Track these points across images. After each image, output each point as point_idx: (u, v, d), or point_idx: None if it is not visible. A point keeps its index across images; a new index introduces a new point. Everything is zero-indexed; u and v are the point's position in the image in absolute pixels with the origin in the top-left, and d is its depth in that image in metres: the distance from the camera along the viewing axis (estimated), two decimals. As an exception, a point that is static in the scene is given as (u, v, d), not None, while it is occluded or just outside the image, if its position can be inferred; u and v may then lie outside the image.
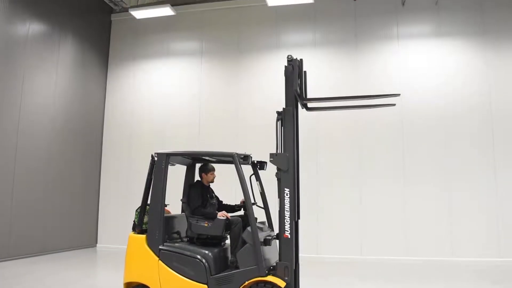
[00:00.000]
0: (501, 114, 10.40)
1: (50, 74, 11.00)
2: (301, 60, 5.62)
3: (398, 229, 10.46)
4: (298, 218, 5.24)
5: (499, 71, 10.58)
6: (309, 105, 5.85)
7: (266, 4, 10.93)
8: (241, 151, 5.53)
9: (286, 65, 5.27)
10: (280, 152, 5.11)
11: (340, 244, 10.69)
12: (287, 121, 5.13)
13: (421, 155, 10.64)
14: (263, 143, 9.54)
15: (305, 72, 5.67)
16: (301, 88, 5.54)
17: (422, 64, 11.03)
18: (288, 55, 5.30)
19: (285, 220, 4.93)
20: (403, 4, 11.30)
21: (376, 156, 10.89)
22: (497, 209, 10.05)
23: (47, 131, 10.87)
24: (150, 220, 5.33)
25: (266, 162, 5.64)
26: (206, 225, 5.29)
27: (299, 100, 5.35)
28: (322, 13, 11.72)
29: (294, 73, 5.26)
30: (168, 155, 5.46)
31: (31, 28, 10.38)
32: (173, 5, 11.84)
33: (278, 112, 5.25)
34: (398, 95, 5.57)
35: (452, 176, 10.39)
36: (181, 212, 5.92)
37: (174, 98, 12.53)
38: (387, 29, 11.35)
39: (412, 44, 11.19)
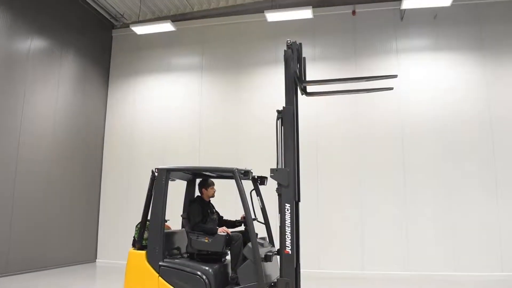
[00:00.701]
0: (501, 128, 10.41)
1: (51, 89, 11.05)
2: (300, 44, 5.66)
3: (399, 244, 10.40)
4: (299, 231, 5.22)
5: (497, 84, 10.62)
6: (309, 89, 5.86)
7: (265, 20, 11.02)
8: (241, 165, 5.53)
9: (286, 49, 5.31)
10: (281, 167, 5.10)
11: (341, 259, 10.61)
12: (287, 120, 5.12)
13: (421, 169, 10.62)
14: (263, 157, 9.56)
15: (304, 58, 5.71)
16: (300, 72, 5.56)
17: (422, 78, 11.07)
18: (288, 40, 5.34)
19: (286, 235, 4.91)
20: (401, 18, 11.40)
21: (377, 170, 10.87)
22: (499, 223, 10.00)
23: (48, 146, 10.87)
24: (150, 236, 5.31)
25: (266, 177, 5.63)
26: (206, 241, 5.26)
27: (298, 83, 5.35)
28: (321, 28, 11.81)
29: (294, 57, 5.29)
30: (169, 171, 5.46)
31: (33, 44, 10.46)
32: (173, 21, 11.96)
33: (278, 111, 5.24)
34: (395, 76, 5.62)
35: (453, 190, 10.35)
36: (181, 228, 5.90)
37: (175, 112, 12.57)
38: (386, 43, 11.43)
39: (411, 58, 11.25)
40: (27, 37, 10.29)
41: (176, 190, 6.15)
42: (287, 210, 4.93)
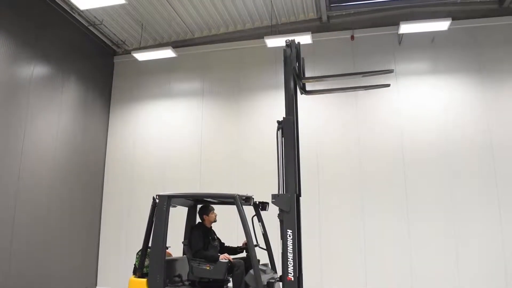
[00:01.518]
0: (502, 149, 10.40)
1: (52, 115, 11.11)
2: (299, 43, 5.71)
3: (403, 265, 10.28)
4: (301, 257, 5.16)
5: (498, 106, 10.66)
6: (308, 87, 5.89)
7: (265, 45, 11.16)
8: (242, 190, 5.52)
9: (285, 47, 5.35)
10: (282, 192, 5.09)
11: (345, 283, 10.48)
12: (287, 130, 5.12)
13: (423, 191, 10.57)
14: (264, 182, 9.54)
15: (303, 58, 5.75)
16: (299, 70, 5.59)
17: (421, 101, 11.14)
18: (286, 39, 5.40)
19: (289, 262, 4.86)
20: (399, 43, 11.54)
21: (378, 192, 10.82)
22: (503, 243, 9.91)
23: (48, 171, 10.86)
24: (151, 263, 5.26)
25: (268, 203, 5.62)
26: (208, 268, 5.22)
27: (297, 80, 5.37)
28: (320, 52, 11.94)
29: (292, 55, 5.34)
30: (170, 197, 5.45)
31: (35, 70, 10.58)
32: (174, 47, 12.11)
33: (278, 122, 5.24)
34: (391, 71, 5.65)
35: (455, 210, 10.29)
36: (183, 255, 5.85)
37: (175, 137, 12.61)
38: (385, 67, 11.52)
39: (411, 82, 11.34)
40: (30, 63, 10.41)
41: (177, 217, 6.12)
42: (289, 236, 4.89)
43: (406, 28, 10.20)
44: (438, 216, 10.36)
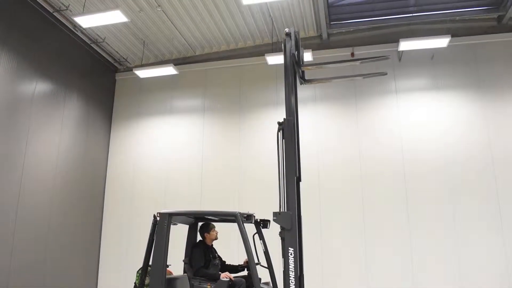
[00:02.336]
0: (503, 164, 10.41)
1: (54, 131, 11.15)
2: (298, 32, 5.76)
3: (405, 279, 10.19)
4: (303, 276, 5.11)
5: (498, 122, 10.70)
6: (307, 77, 5.92)
7: (266, 63, 11.24)
8: (244, 207, 5.50)
9: (285, 37, 5.41)
10: (283, 210, 5.06)
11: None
12: (287, 131, 5.11)
13: (425, 206, 10.54)
14: (265, 198, 9.50)
15: (302, 49, 5.80)
16: (298, 59, 5.63)
17: (421, 117, 11.17)
18: (286, 29, 5.45)
19: (290, 280, 4.81)
20: (399, 59, 11.62)
21: (380, 208, 10.79)
22: (506, 258, 9.84)
23: (49, 187, 10.85)
24: (151, 282, 5.22)
25: (269, 221, 5.58)
26: (208, 286, 5.18)
27: (296, 68, 5.39)
28: (321, 69, 11.95)
29: (291, 43, 5.39)
30: (171, 215, 5.43)
31: (38, 87, 10.64)
32: (176, 64, 12.20)
33: (279, 123, 5.22)
34: (388, 57, 5.68)
35: (457, 227, 10.24)
36: (183, 273, 5.80)
37: (177, 154, 12.61)
38: (385, 84, 11.60)
39: (411, 98, 11.39)
40: (32, 80, 10.48)
41: (178, 235, 6.09)
42: (291, 254, 4.85)
43: (405, 45, 10.29)
44: (441, 233, 10.30)
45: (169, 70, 11.82)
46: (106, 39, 12.24)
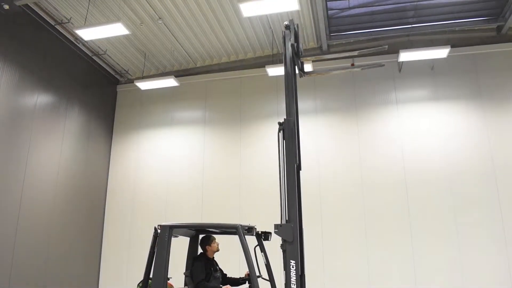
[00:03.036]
0: (505, 175, 10.38)
1: (55, 143, 11.16)
2: (297, 25, 5.83)
3: (409, 297, 10.12)
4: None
5: (499, 132, 10.70)
6: (306, 69, 6.00)
7: (266, 74, 11.28)
8: (245, 219, 5.48)
9: (284, 29, 5.47)
10: (285, 222, 5.03)
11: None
12: (288, 132, 5.10)
13: (427, 217, 10.50)
14: (267, 210, 9.48)
15: (300, 44, 5.86)
16: (297, 50, 5.68)
17: (422, 127, 11.18)
18: (285, 22, 5.52)
19: (292, 293, 4.77)
20: (399, 70, 11.65)
21: (382, 220, 10.75)
22: (510, 270, 9.75)
23: (50, 199, 10.84)
24: (152, 295, 5.18)
25: (270, 233, 5.55)
26: (210, 299, 5.13)
27: (296, 59, 5.41)
28: (321, 81, 12.05)
29: (291, 35, 5.46)
30: (172, 227, 5.40)
31: (39, 99, 10.69)
32: (176, 76, 12.25)
33: (279, 123, 5.20)
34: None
35: (460, 238, 10.19)
36: (184, 286, 5.76)
37: (177, 166, 12.61)
38: (385, 94, 11.63)
39: (411, 108, 11.40)
40: (34, 92, 10.53)
41: (179, 247, 6.06)
42: (292, 267, 4.81)
43: (405, 56, 10.32)
44: (444, 244, 10.25)
45: (170, 82, 11.86)
46: (107, 51, 12.32)
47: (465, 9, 10.91)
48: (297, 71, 5.65)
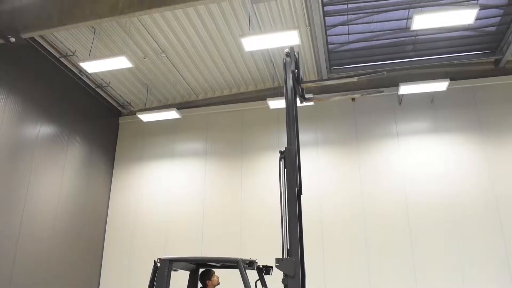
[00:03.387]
0: (507, 205, 10.31)
1: (56, 173, 11.16)
2: (298, 52, 5.92)
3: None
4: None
5: (499, 163, 10.70)
6: (306, 96, 6.04)
7: (268, 107, 11.37)
8: (245, 251, 5.41)
9: (284, 57, 5.52)
10: (286, 256, 4.97)
11: None
12: (289, 160, 5.07)
13: (429, 248, 10.36)
14: (267, 243, 9.38)
15: (299, 71, 5.92)
16: (298, 76, 5.73)
17: (423, 159, 11.18)
18: (286, 50, 5.60)
19: (293, 330, 4.66)
20: (400, 103, 11.76)
21: (384, 250, 10.60)
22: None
23: (49, 229, 10.74)
24: (151, 331, 5.07)
25: (271, 267, 5.47)
26: (209, 336, 5.01)
27: (296, 86, 5.44)
28: (322, 114, 12.15)
29: (292, 62, 5.53)
30: (172, 261, 5.33)
31: (42, 129, 10.76)
32: (178, 108, 12.36)
33: (280, 151, 5.19)
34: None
35: (463, 267, 10.02)
36: (184, 321, 5.64)
37: (178, 198, 12.55)
38: (386, 127, 11.69)
39: (412, 140, 11.43)
40: (37, 123, 10.61)
41: (178, 281, 5.96)
42: (294, 302, 4.72)
43: (405, 89, 10.43)
44: (447, 274, 10.08)
45: (172, 114, 11.95)
46: (110, 83, 12.48)
47: (463, 43, 11.11)
48: (298, 100, 5.74)
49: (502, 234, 10.14)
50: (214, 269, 5.81)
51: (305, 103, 6.16)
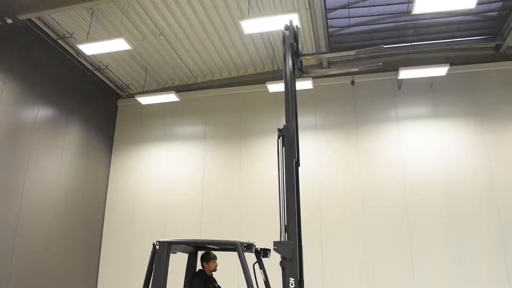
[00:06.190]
0: (504, 190, 10.37)
1: (55, 157, 11.16)
2: (297, 26, 5.88)
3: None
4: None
5: (498, 148, 10.72)
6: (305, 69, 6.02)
7: (267, 90, 11.33)
8: (244, 235, 5.45)
9: (283, 30, 5.49)
10: (284, 239, 5.00)
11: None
12: (287, 138, 5.08)
13: (427, 235, 10.45)
14: (266, 226, 9.41)
15: (300, 45, 5.89)
16: (297, 49, 5.71)
17: (421, 144, 11.20)
18: (285, 23, 5.56)
19: (291, 312, 4.72)
20: (399, 88, 11.72)
21: (382, 238, 10.69)
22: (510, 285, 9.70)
23: (48, 213, 10.79)
24: (150, 312, 5.13)
25: (269, 250, 5.51)
26: (208, 317, 5.07)
27: (295, 59, 5.43)
28: (321, 97, 12.11)
29: (291, 35, 5.49)
30: (170, 244, 5.36)
31: (40, 113, 10.72)
32: (177, 91, 12.30)
33: (279, 129, 5.20)
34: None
35: (460, 256, 10.13)
36: (183, 303, 5.71)
37: (177, 182, 12.58)
38: (385, 111, 11.67)
39: (410, 126, 11.43)
40: (35, 106, 10.57)
41: (177, 263, 6.01)
42: (291, 285, 4.77)
43: (405, 73, 10.38)
44: (444, 264, 10.19)
45: (170, 97, 11.89)
46: (109, 66, 12.40)
47: (464, 28, 11.03)
48: (297, 74, 5.71)
49: (499, 219, 10.22)
50: (216, 256, 5.84)
51: (303, 80, 6.09)
